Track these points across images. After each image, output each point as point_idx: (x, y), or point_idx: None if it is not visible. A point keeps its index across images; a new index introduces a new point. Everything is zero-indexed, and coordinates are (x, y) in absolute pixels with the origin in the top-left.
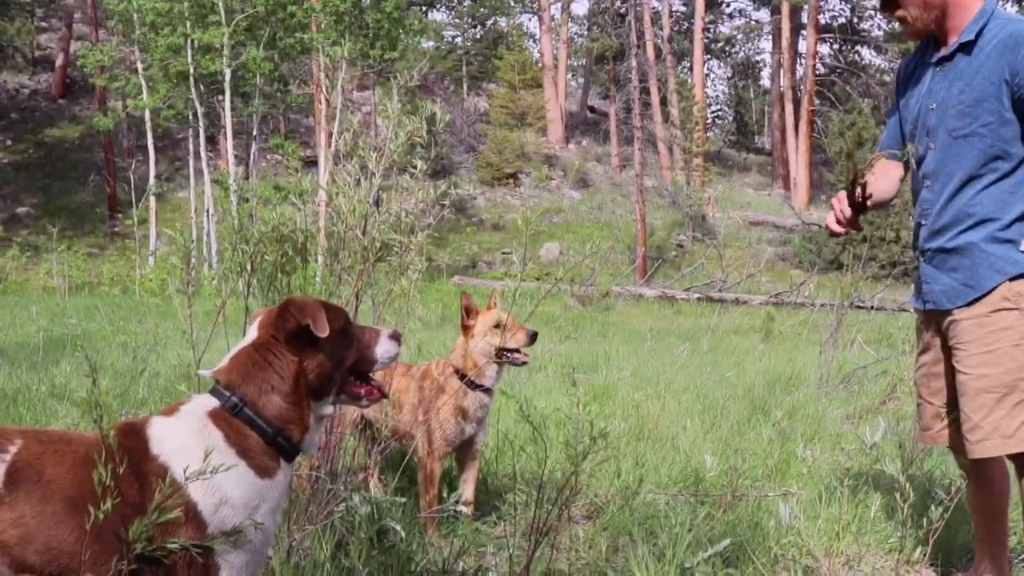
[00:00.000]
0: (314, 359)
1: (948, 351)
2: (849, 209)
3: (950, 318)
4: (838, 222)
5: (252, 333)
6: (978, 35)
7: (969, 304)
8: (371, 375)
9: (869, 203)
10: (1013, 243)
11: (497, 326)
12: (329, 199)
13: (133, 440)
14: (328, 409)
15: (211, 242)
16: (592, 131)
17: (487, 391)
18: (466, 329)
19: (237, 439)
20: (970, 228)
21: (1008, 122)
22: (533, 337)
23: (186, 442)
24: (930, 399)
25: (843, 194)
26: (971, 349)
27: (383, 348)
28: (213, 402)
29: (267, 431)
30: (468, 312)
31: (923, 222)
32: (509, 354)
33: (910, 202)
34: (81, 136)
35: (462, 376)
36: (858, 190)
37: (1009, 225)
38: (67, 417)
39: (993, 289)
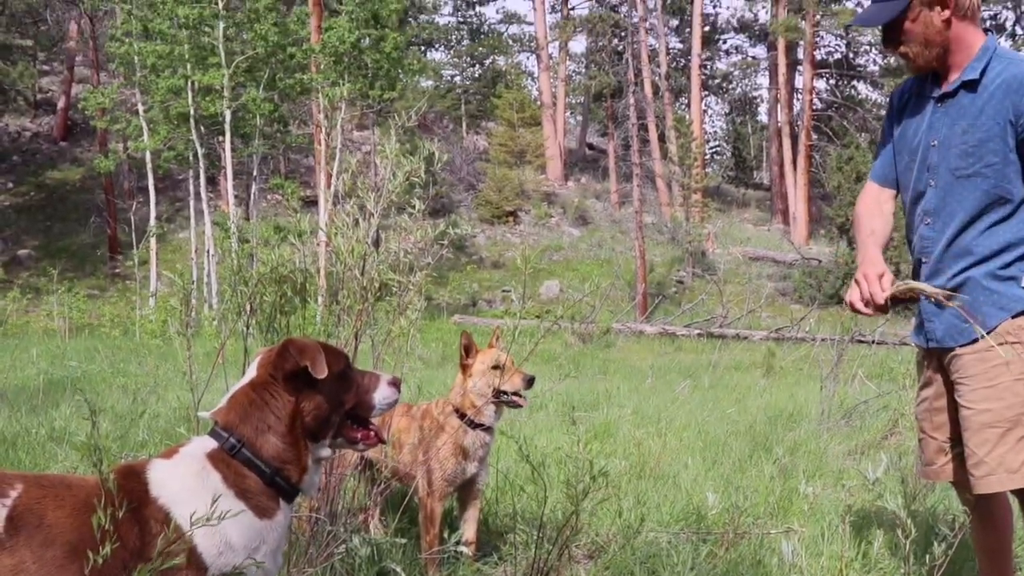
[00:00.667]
0: (312, 400)
1: (950, 386)
2: (884, 299)
3: (952, 353)
4: (866, 303)
5: (251, 372)
6: (982, 73)
7: (972, 341)
8: (370, 420)
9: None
10: (1015, 280)
11: (496, 367)
12: (328, 239)
13: (133, 483)
14: (326, 452)
15: (211, 283)
16: (591, 168)
17: (487, 430)
18: (464, 368)
19: (236, 480)
20: (972, 266)
21: (1011, 163)
22: (530, 382)
23: (186, 485)
24: (933, 434)
25: (873, 277)
26: (973, 384)
27: (382, 394)
28: (212, 443)
29: (265, 472)
30: (467, 351)
31: (924, 260)
32: (506, 396)
33: (905, 235)
34: (82, 178)
35: (462, 415)
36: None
37: (1010, 263)
38: (66, 460)
39: (996, 327)
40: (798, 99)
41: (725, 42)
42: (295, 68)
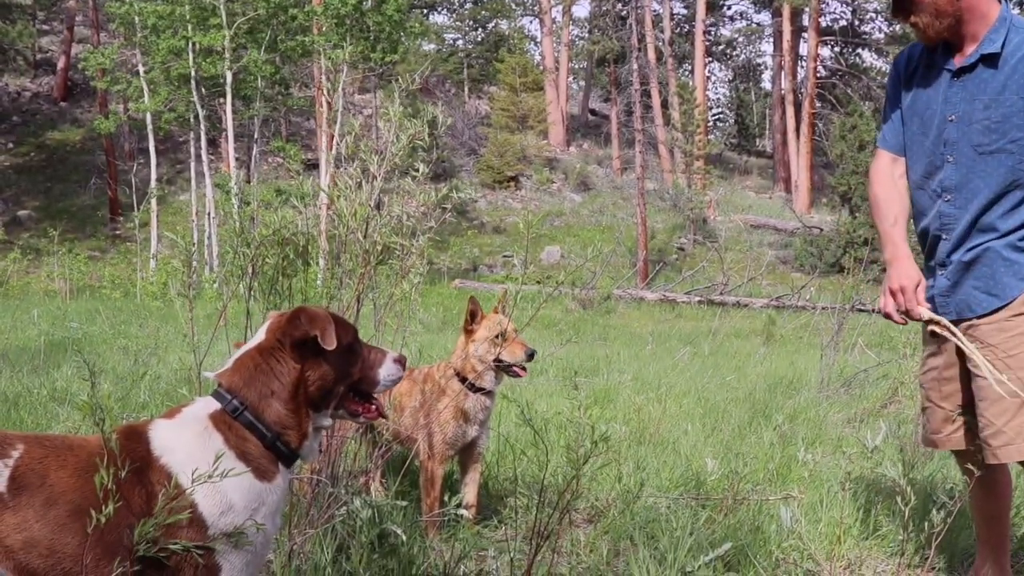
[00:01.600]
0: (317, 370)
1: (962, 355)
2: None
3: (968, 323)
4: (900, 312)
5: (259, 336)
6: (1002, 46)
7: (992, 312)
8: (373, 395)
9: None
10: None
11: (499, 335)
12: (330, 202)
13: (135, 444)
14: (326, 421)
15: (212, 245)
16: (593, 134)
17: (488, 393)
18: (468, 333)
19: (237, 442)
20: (993, 240)
21: None
22: (531, 355)
23: (188, 445)
24: (941, 403)
25: (911, 292)
26: (992, 354)
27: (387, 370)
28: (214, 405)
29: (266, 435)
30: (473, 316)
31: (944, 236)
32: (506, 364)
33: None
34: (82, 139)
35: (463, 379)
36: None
37: None
38: (68, 420)
39: (1017, 297)
40: (802, 66)
41: (730, 8)
42: (297, 30)
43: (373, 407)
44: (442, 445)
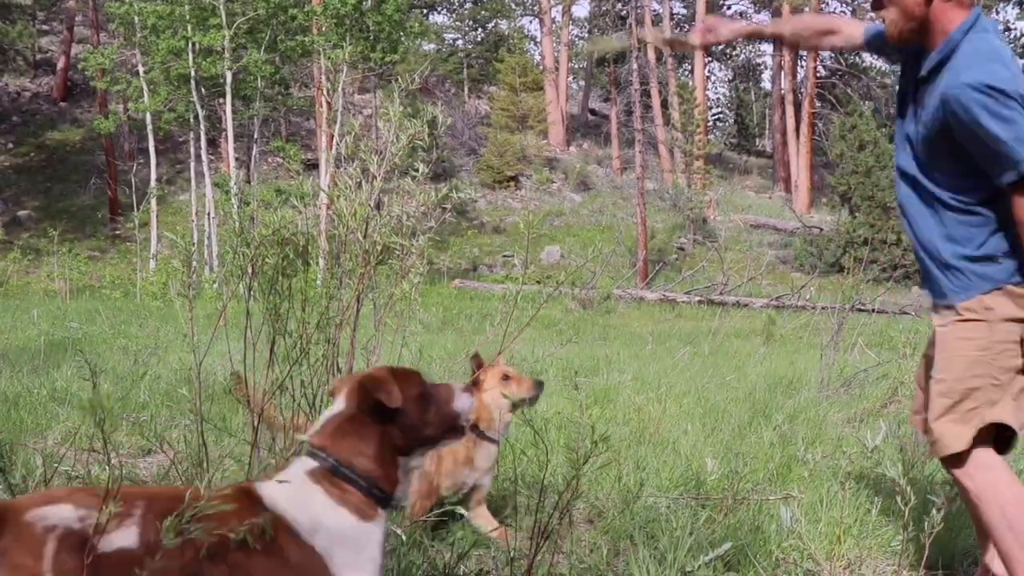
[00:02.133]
0: (397, 425)
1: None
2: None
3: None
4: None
5: (339, 404)
6: (932, 71)
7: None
8: (462, 426)
9: None
10: (989, 260)
11: (505, 377)
12: (330, 202)
13: (248, 501)
14: (417, 461)
15: (212, 245)
16: (593, 134)
17: (494, 442)
18: (477, 384)
19: (337, 493)
20: (939, 252)
21: (961, 159)
22: (540, 386)
23: (293, 497)
24: (922, 387)
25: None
26: (939, 355)
27: (460, 403)
28: (312, 463)
29: (363, 485)
30: (479, 366)
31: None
32: (520, 400)
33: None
34: (82, 139)
35: (474, 427)
36: None
37: (980, 246)
38: (68, 421)
39: (959, 304)
40: (802, 66)
41: (729, 7)
42: (296, 30)
43: (461, 429)
44: (436, 490)
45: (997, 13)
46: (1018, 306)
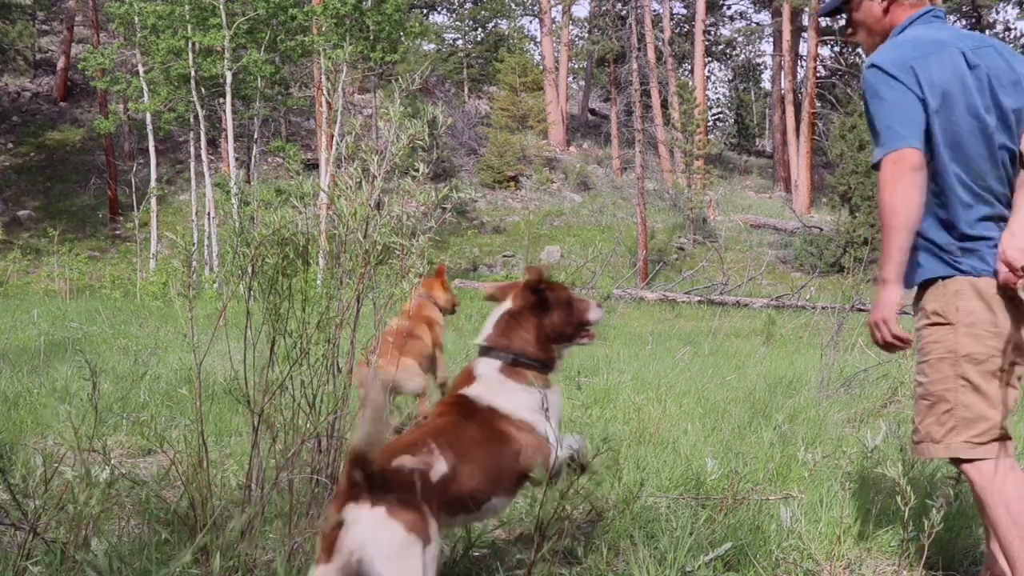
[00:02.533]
0: (548, 321)
1: None
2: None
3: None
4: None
5: (506, 304)
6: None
7: (915, 301)
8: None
9: None
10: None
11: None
12: (330, 202)
13: (472, 407)
14: (566, 350)
15: (212, 245)
16: (593, 134)
17: None
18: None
19: (522, 378)
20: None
21: None
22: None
23: (494, 391)
24: None
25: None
26: (917, 357)
27: (594, 313)
28: (495, 362)
29: (537, 366)
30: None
31: None
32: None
33: None
34: (82, 139)
35: None
36: None
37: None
38: (68, 420)
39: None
40: (802, 66)
41: (729, 7)
42: (296, 30)
43: (591, 333)
44: None
45: (997, 13)
46: None
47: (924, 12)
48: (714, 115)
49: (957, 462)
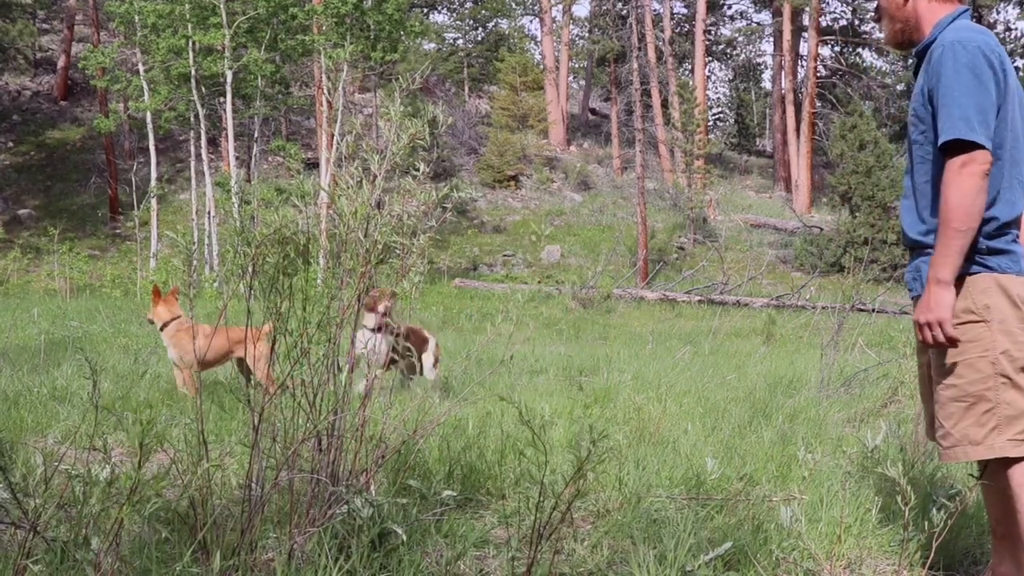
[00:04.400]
0: None
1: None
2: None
3: None
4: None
5: None
6: (921, 52)
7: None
8: None
9: None
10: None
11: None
12: (331, 201)
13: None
14: None
15: (212, 244)
16: (593, 133)
17: None
18: None
19: None
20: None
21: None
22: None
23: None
24: (928, 401)
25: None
26: (942, 359)
27: None
28: None
29: None
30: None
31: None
32: None
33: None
34: (82, 138)
35: None
36: None
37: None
38: (68, 420)
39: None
40: (802, 66)
41: (730, 7)
42: (297, 29)
43: None
44: None
45: (998, 13)
46: None
47: (965, 9)
48: (714, 115)
49: (986, 463)
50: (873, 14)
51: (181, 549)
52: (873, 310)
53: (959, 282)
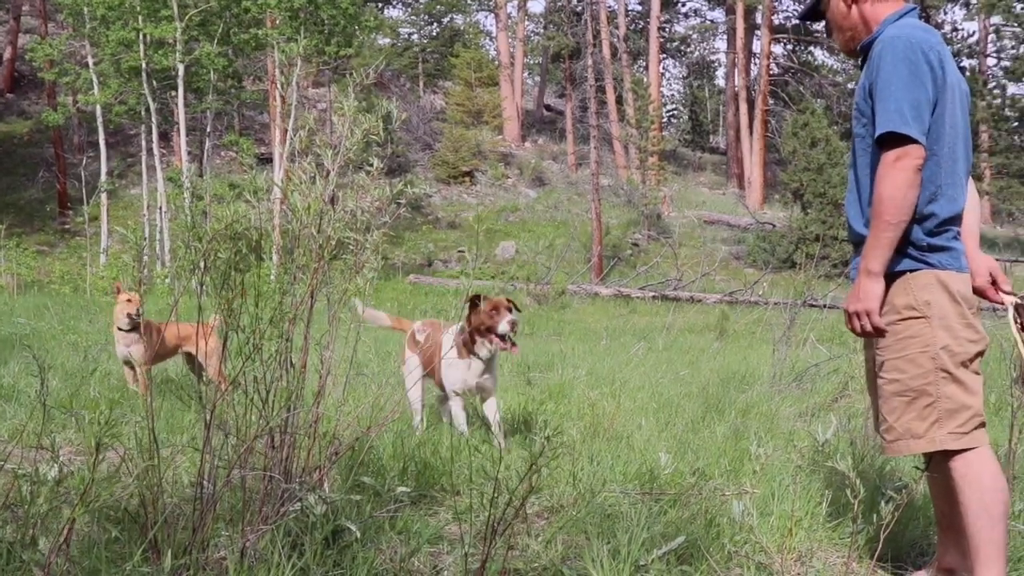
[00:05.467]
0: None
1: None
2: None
3: None
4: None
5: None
6: (864, 48)
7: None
8: None
9: None
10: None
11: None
12: (284, 197)
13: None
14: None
15: (164, 240)
16: (548, 129)
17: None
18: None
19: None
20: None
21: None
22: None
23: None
24: (873, 395)
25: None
26: (885, 355)
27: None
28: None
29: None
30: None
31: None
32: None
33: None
34: (30, 131)
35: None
36: None
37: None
38: (15, 418)
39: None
40: (755, 64)
41: (684, 4)
42: (250, 23)
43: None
44: None
45: (945, 13)
46: None
47: (911, 8)
48: (668, 111)
49: (931, 456)
50: (827, 29)
51: (131, 548)
52: (824, 306)
53: (896, 277)
